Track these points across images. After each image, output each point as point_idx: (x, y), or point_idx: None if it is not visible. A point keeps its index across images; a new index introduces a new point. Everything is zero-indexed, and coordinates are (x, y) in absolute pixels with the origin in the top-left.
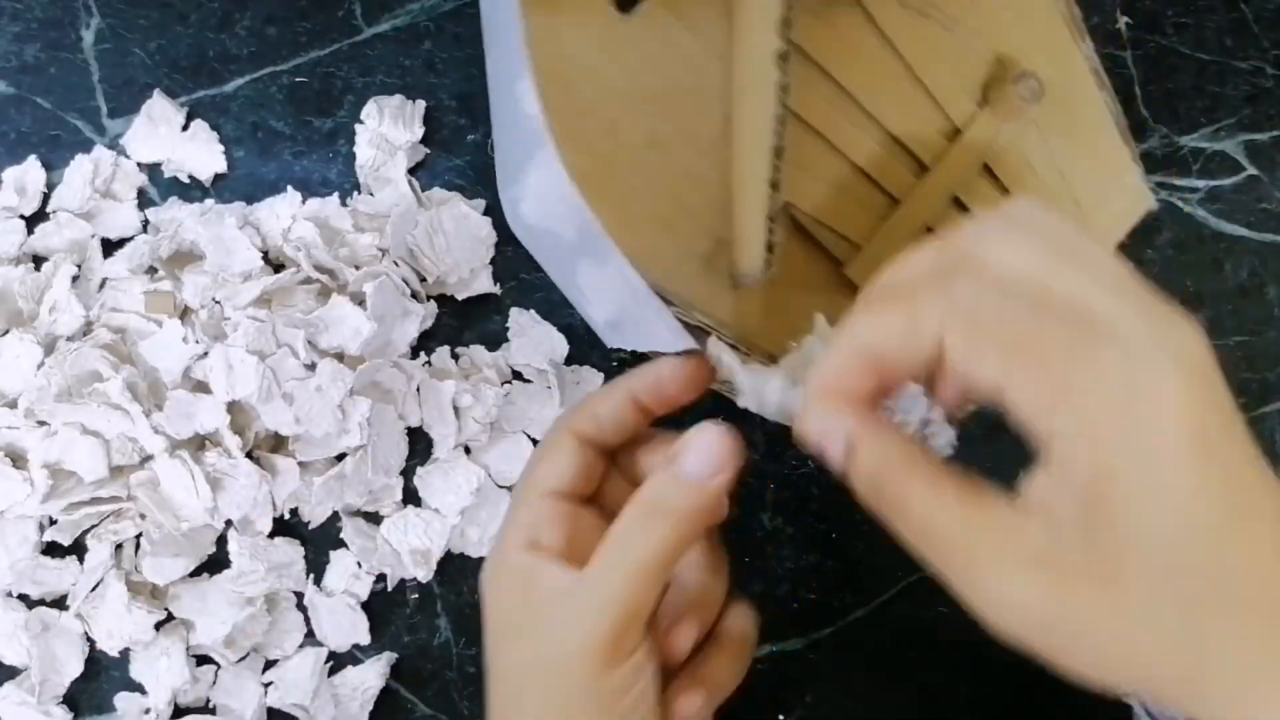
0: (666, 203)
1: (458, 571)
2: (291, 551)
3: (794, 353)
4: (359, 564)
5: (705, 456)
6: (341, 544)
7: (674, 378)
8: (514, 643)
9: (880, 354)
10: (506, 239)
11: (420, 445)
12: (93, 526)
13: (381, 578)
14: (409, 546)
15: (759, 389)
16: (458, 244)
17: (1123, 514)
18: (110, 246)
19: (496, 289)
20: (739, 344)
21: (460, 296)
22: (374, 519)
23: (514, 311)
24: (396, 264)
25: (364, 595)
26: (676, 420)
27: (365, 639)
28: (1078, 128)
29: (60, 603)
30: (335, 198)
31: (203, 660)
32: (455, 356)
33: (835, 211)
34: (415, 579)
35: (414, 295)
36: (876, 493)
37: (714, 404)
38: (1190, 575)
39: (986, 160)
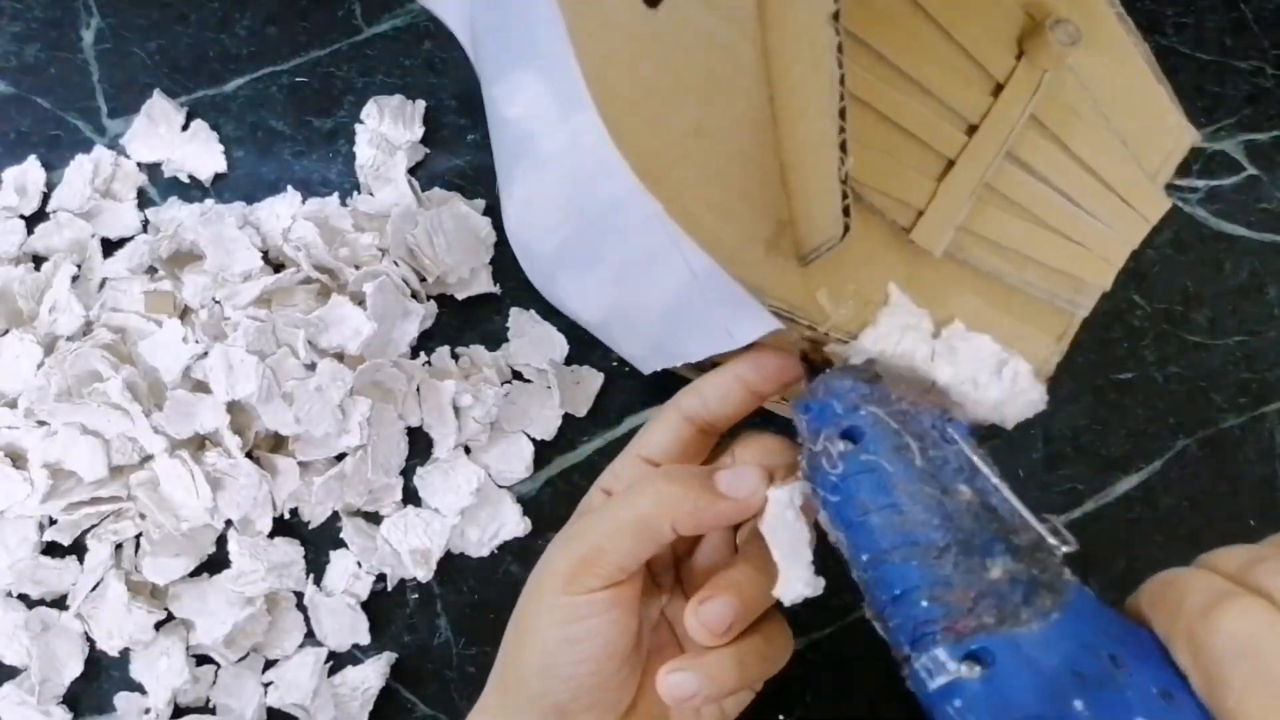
0: (722, 190)
1: (458, 571)
2: (291, 551)
3: (872, 327)
4: (359, 564)
5: (737, 483)
6: (341, 544)
7: (779, 361)
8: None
9: None
10: (507, 239)
11: (420, 445)
12: (93, 526)
13: (381, 578)
14: (409, 546)
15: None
16: (458, 244)
17: None
18: (110, 246)
19: (496, 289)
20: (814, 324)
21: (460, 296)
22: (374, 519)
23: (514, 311)
24: (396, 264)
25: (364, 595)
26: None
27: (365, 639)
28: (1113, 72)
29: (60, 603)
30: (335, 198)
31: (203, 660)
32: (455, 356)
33: (892, 178)
34: (415, 579)
35: (414, 295)
36: None
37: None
38: None
39: (1033, 112)
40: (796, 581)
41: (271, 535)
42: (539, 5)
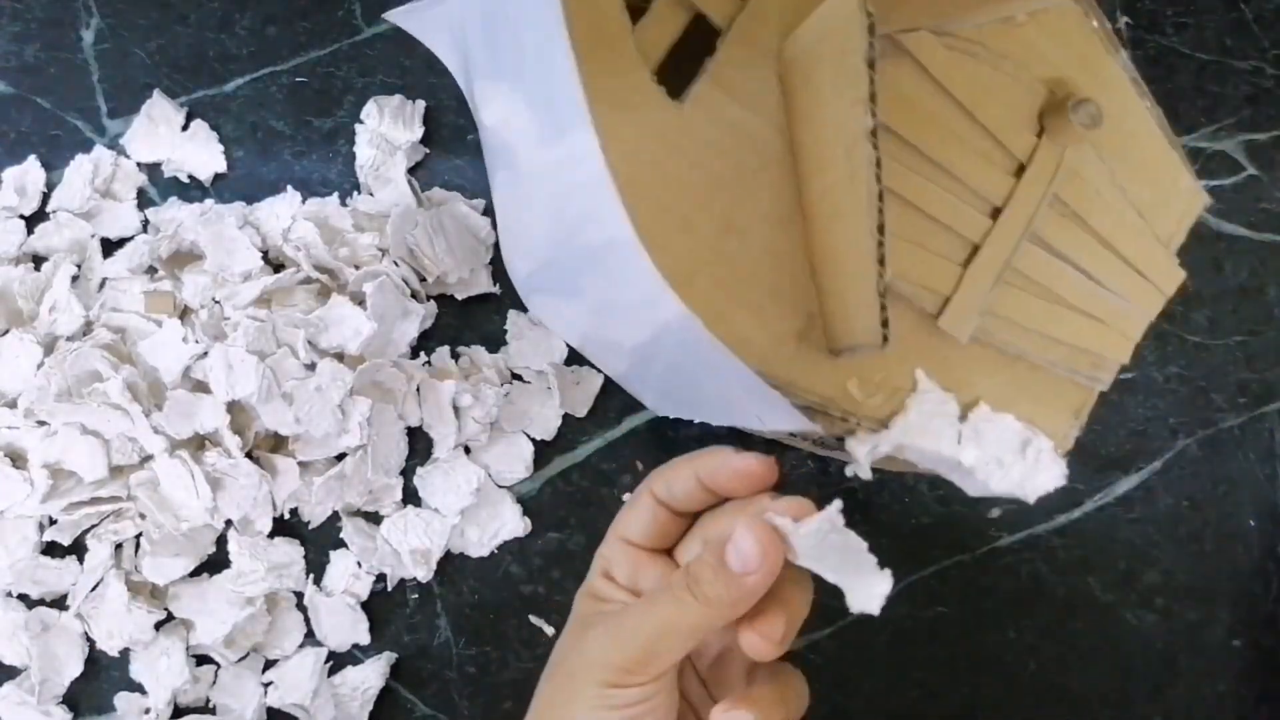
0: (753, 287)
1: (457, 571)
2: (291, 551)
3: (902, 415)
4: (359, 564)
5: (745, 555)
6: (341, 544)
7: (734, 474)
8: (572, 632)
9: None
10: None
11: (420, 445)
12: (93, 526)
13: (381, 578)
14: (409, 546)
15: (874, 455)
16: (458, 244)
17: None
18: (110, 246)
19: (496, 289)
20: (847, 415)
21: (460, 296)
22: (374, 519)
23: (511, 314)
24: (396, 264)
25: (364, 595)
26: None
27: (365, 639)
28: (1129, 141)
29: (60, 603)
30: (335, 198)
31: (203, 660)
32: (455, 356)
33: (919, 265)
34: (415, 579)
35: (414, 295)
36: None
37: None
38: None
39: (1054, 191)
40: (869, 588)
41: (271, 535)
42: (531, 40)
